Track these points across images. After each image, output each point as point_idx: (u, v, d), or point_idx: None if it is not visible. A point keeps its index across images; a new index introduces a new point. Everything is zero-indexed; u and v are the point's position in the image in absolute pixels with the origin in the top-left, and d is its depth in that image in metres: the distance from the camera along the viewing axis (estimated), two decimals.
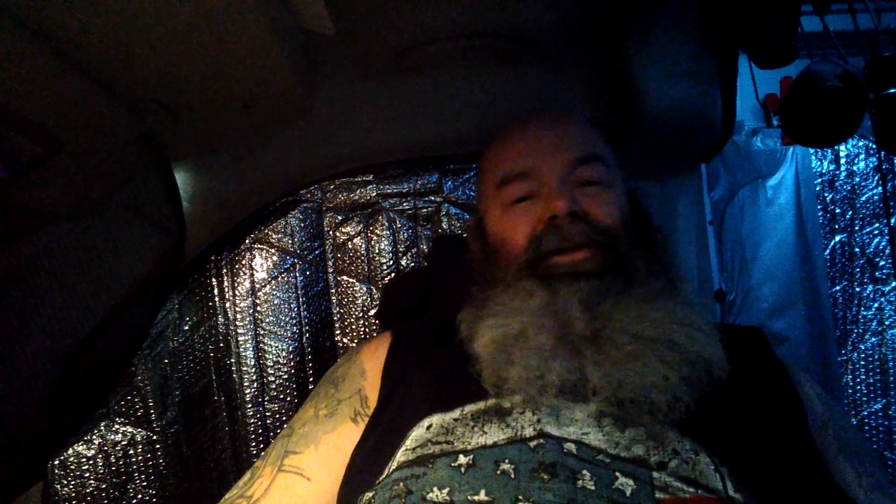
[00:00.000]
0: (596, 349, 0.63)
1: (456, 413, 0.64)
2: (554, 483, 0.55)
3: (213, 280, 1.09)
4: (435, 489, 0.56)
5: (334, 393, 0.76)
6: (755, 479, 0.57)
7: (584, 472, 0.56)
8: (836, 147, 1.19)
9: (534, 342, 0.65)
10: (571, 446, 0.58)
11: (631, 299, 0.67)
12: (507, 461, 0.57)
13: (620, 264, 0.70)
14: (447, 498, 0.55)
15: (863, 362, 1.16)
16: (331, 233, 1.13)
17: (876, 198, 1.18)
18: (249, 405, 1.07)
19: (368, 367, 0.78)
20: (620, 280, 0.69)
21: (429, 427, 0.64)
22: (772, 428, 0.65)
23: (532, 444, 0.59)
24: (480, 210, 0.85)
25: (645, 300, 0.67)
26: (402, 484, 0.58)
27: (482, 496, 0.55)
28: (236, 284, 1.10)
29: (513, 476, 0.56)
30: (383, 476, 0.62)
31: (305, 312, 1.10)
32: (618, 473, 0.56)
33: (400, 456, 0.62)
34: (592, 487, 0.55)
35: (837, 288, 1.17)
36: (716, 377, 0.63)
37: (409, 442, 0.63)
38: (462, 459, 0.59)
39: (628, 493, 0.54)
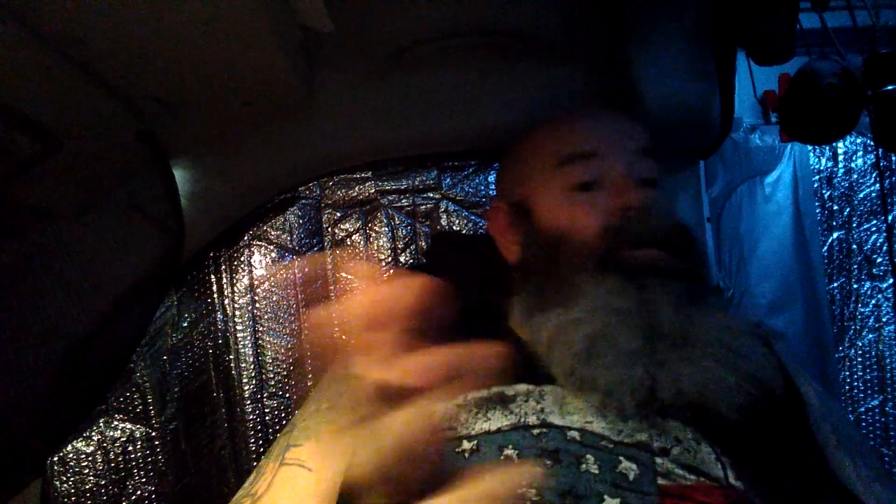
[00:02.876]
0: (674, 351, 0.62)
1: (459, 400, 0.63)
2: (557, 469, 0.55)
3: (212, 277, 1.09)
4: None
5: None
6: (756, 469, 0.58)
7: (588, 456, 0.56)
8: (834, 144, 1.19)
9: (622, 347, 0.62)
10: (575, 433, 0.58)
11: (710, 305, 0.66)
12: (510, 447, 0.57)
13: (689, 269, 0.69)
14: None
15: (860, 359, 1.16)
16: (329, 229, 1.13)
17: (873, 195, 1.18)
18: (248, 402, 1.07)
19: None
20: (701, 287, 0.68)
21: None
22: (772, 421, 0.65)
23: (535, 431, 0.59)
24: (522, 193, 0.81)
25: (714, 309, 0.67)
26: None
27: None
28: (235, 281, 1.10)
29: (516, 462, 0.56)
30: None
31: (304, 309, 1.10)
32: (621, 457, 0.56)
33: None
34: (596, 471, 0.55)
35: (835, 285, 1.17)
36: (771, 392, 0.63)
37: None
38: (466, 445, 0.58)
39: (631, 477, 0.55)
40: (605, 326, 0.64)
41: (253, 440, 1.07)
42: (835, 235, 1.18)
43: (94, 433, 1.02)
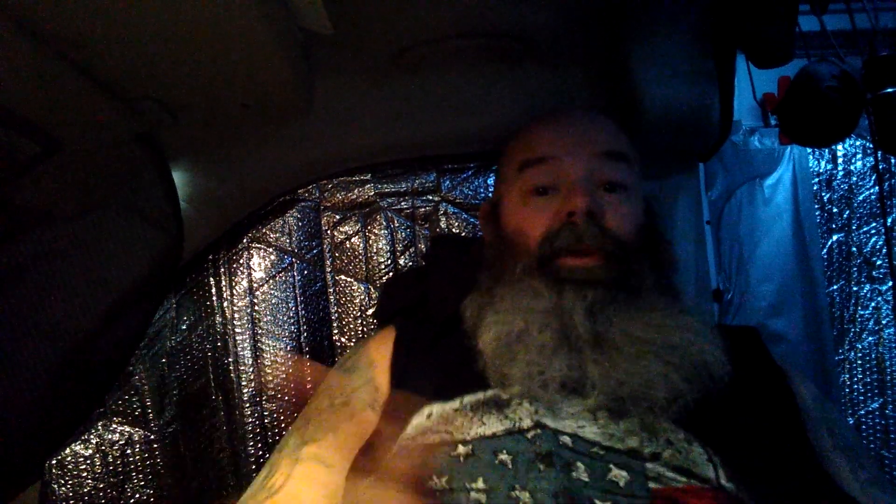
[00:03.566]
0: (597, 350, 0.65)
1: (455, 403, 0.65)
2: (550, 472, 0.56)
3: (211, 279, 1.09)
4: (434, 476, 0.57)
5: (347, 382, 0.76)
6: (747, 470, 0.58)
7: (579, 464, 0.57)
8: (834, 147, 1.19)
9: (536, 340, 0.66)
10: (567, 439, 0.59)
11: (634, 308, 0.68)
12: (504, 452, 0.58)
13: (628, 278, 0.70)
14: (446, 485, 0.57)
15: (860, 361, 1.16)
16: (329, 232, 1.13)
17: (873, 197, 1.18)
18: (247, 405, 1.07)
19: (377, 358, 0.78)
20: (626, 292, 0.69)
21: (429, 416, 0.65)
22: (765, 422, 0.65)
23: (529, 434, 0.60)
24: (497, 195, 0.84)
25: (648, 309, 0.68)
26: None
27: (480, 484, 0.56)
28: (234, 284, 1.09)
29: (510, 466, 0.57)
30: (384, 463, 0.62)
31: (303, 312, 1.10)
32: (612, 465, 0.57)
33: (401, 443, 0.63)
34: (586, 479, 0.56)
35: (835, 287, 1.17)
36: (716, 378, 0.64)
37: (410, 430, 0.64)
38: (461, 449, 0.59)
39: (622, 484, 0.55)
40: (522, 326, 0.68)
41: (252, 443, 1.07)
42: (834, 238, 1.18)
43: (92, 436, 1.02)
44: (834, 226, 1.18)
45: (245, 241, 1.10)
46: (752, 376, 0.70)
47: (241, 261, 1.10)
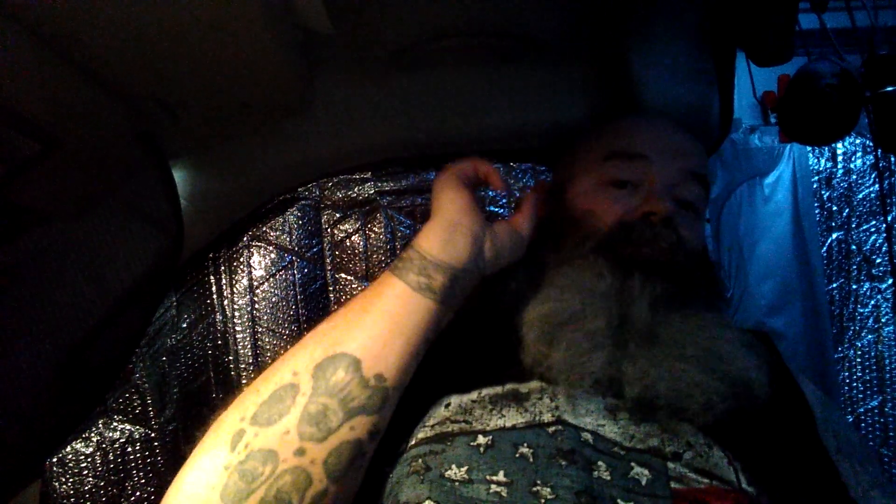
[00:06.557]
0: (644, 347, 0.64)
1: (473, 395, 0.64)
2: (571, 469, 0.55)
3: (211, 278, 1.09)
4: (454, 466, 0.57)
5: None
6: (768, 475, 0.58)
7: (600, 462, 0.56)
8: (834, 145, 1.19)
9: (588, 326, 0.64)
10: (588, 436, 0.59)
11: (692, 312, 0.68)
12: (525, 445, 0.58)
13: (690, 283, 0.71)
14: (465, 476, 0.56)
15: (859, 359, 1.16)
16: (329, 230, 1.13)
17: (873, 195, 1.18)
18: None
19: None
20: (687, 293, 0.69)
21: (447, 406, 0.64)
22: (783, 428, 0.65)
23: (550, 430, 0.59)
24: (566, 176, 0.84)
25: (702, 315, 0.68)
26: (420, 460, 0.58)
27: (500, 477, 0.55)
28: (234, 282, 1.10)
29: (531, 460, 0.56)
30: (402, 451, 0.62)
31: (303, 310, 1.10)
32: (633, 463, 0.56)
33: (419, 432, 0.62)
34: (608, 478, 0.55)
35: (834, 285, 1.17)
36: (754, 398, 0.63)
37: (428, 419, 0.63)
38: (481, 440, 0.59)
39: (643, 482, 0.55)
40: (577, 306, 0.66)
41: None
42: (834, 236, 1.18)
43: (93, 434, 1.02)
44: (833, 224, 1.18)
45: (245, 239, 1.10)
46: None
47: (242, 259, 1.10)
